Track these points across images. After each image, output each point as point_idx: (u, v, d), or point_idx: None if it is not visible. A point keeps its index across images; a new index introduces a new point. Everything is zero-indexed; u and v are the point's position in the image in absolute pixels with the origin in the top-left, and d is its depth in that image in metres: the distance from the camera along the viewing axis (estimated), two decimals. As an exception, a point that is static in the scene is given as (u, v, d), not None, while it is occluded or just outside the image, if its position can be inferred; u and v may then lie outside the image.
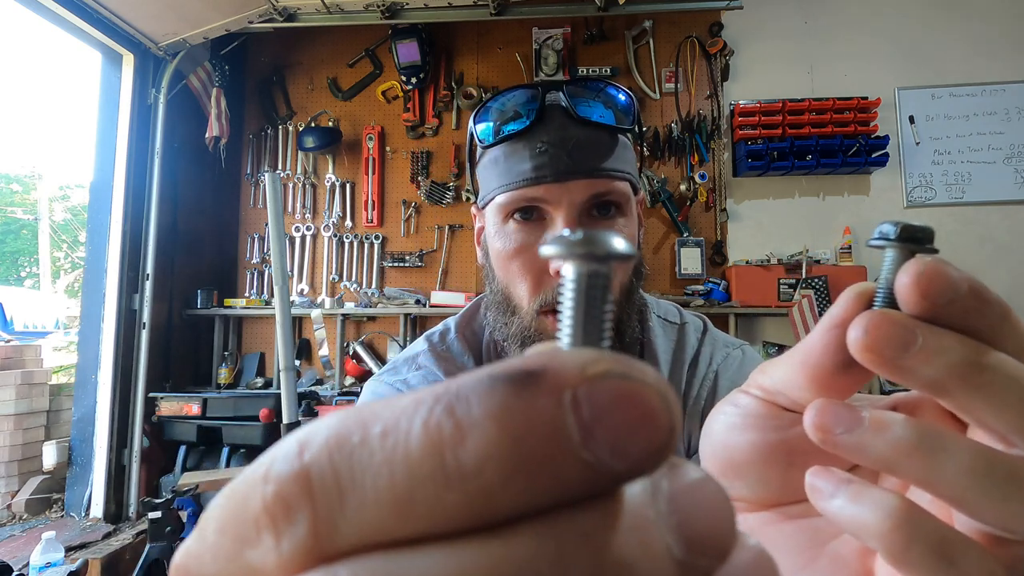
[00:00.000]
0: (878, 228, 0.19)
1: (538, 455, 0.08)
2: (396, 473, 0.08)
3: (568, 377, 0.09)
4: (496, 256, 0.62)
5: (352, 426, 0.09)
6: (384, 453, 0.09)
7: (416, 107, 3.30)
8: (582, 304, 0.11)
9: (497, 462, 0.08)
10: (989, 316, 0.18)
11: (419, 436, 0.08)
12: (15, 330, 6.40)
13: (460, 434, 0.08)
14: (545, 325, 0.59)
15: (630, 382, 0.09)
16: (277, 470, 0.09)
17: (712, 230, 3.13)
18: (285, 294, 1.41)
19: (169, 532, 1.88)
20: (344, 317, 3.11)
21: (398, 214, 3.31)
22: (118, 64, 2.82)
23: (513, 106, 0.60)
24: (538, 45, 3.24)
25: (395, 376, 0.68)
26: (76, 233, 13.64)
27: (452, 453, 0.08)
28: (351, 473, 0.09)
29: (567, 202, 0.57)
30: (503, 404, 0.08)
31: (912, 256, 0.18)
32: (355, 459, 0.09)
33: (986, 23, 3.05)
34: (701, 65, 3.19)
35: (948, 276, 0.17)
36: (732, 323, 2.88)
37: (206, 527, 0.10)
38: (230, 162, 3.27)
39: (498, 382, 0.09)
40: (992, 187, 2.99)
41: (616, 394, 0.09)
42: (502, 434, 0.08)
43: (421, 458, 0.08)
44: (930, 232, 0.19)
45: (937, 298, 0.17)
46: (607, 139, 0.60)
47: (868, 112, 2.94)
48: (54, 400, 3.08)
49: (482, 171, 0.64)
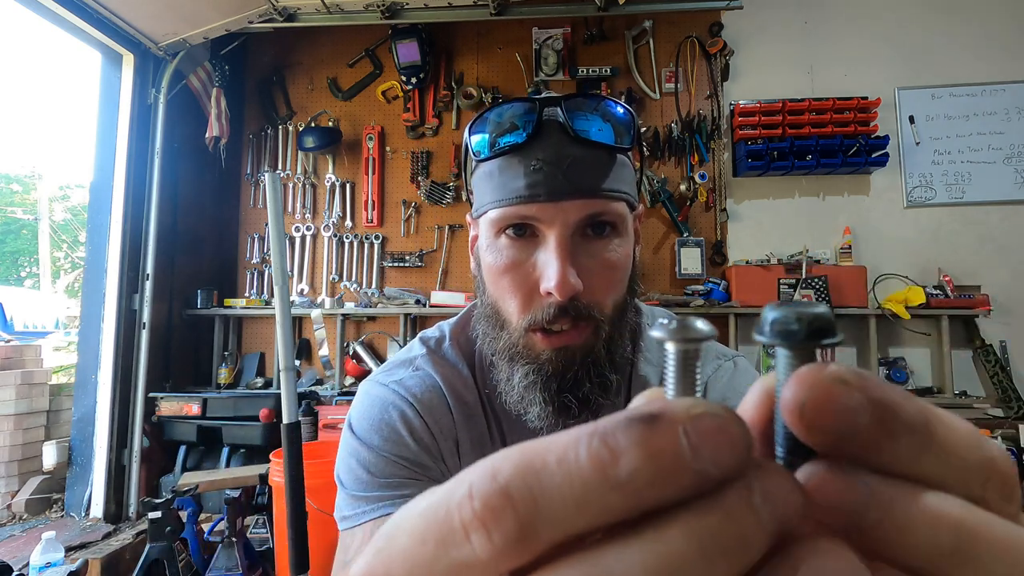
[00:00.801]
0: (764, 313, 0.16)
1: (666, 467, 0.13)
2: (575, 485, 0.13)
3: (679, 416, 0.13)
4: (487, 270, 0.61)
5: (531, 457, 0.13)
6: (563, 473, 0.13)
7: (416, 107, 3.30)
8: (680, 370, 0.16)
9: (641, 473, 0.13)
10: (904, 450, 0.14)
11: (586, 460, 0.13)
12: (15, 330, 6.39)
13: (615, 457, 0.13)
14: (533, 343, 0.58)
15: (717, 418, 0.13)
16: (481, 489, 0.13)
17: (712, 230, 3.13)
18: (285, 294, 1.41)
19: (169, 532, 1.88)
20: (344, 317, 3.11)
21: (398, 214, 3.31)
22: (118, 64, 2.82)
23: (509, 119, 0.58)
24: (538, 45, 3.24)
25: (391, 377, 0.68)
26: (76, 233, 13.64)
27: (612, 469, 0.13)
28: (540, 487, 0.13)
29: (560, 222, 0.56)
30: (641, 435, 0.13)
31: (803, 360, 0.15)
32: (542, 477, 0.13)
33: (986, 23, 3.05)
34: (701, 65, 3.20)
35: (840, 405, 0.14)
36: (732, 323, 2.88)
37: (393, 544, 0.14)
38: (230, 162, 3.27)
39: (634, 422, 0.13)
40: (992, 187, 2.99)
41: (710, 426, 0.13)
42: (642, 454, 0.13)
43: (590, 474, 0.13)
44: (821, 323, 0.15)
45: (828, 434, 0.14)
46: (604, 158, 0.58)
47: (868, 112, 2.94)
48: (54, 400, 3.08)
49: (476, 182, 0.63)
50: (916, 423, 0.14)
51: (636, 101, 3.16)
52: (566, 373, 0.58)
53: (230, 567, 2.01)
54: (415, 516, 0.14)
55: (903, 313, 2.74)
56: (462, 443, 0.66)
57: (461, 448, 0.66)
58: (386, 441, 0.63)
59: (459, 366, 0.69)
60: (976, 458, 0.15)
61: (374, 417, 0.65)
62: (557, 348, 0.58)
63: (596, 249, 0.58)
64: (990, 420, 2.60)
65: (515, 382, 0.60)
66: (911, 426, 0.14)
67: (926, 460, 0.14)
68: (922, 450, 0.14)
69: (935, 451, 0.14)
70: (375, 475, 0.62)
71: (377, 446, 0.63)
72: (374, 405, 0.66)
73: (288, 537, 1.37)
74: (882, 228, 3.04)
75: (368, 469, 0.62)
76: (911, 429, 0.14)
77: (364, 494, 0.62)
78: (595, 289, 0.57)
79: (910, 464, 0.14)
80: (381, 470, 0.62)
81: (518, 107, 0.58)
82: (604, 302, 0.58)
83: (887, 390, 0.14)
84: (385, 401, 0.66)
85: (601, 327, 0.58)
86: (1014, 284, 2.91)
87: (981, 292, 2.87)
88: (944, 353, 2.80)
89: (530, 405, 0.60)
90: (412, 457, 0.63)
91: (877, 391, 0.14)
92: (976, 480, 0.15)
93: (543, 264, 0.56)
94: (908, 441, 0.14)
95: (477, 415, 0.67)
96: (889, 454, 0.14)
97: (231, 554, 2.02)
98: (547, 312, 0.56)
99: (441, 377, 0.67)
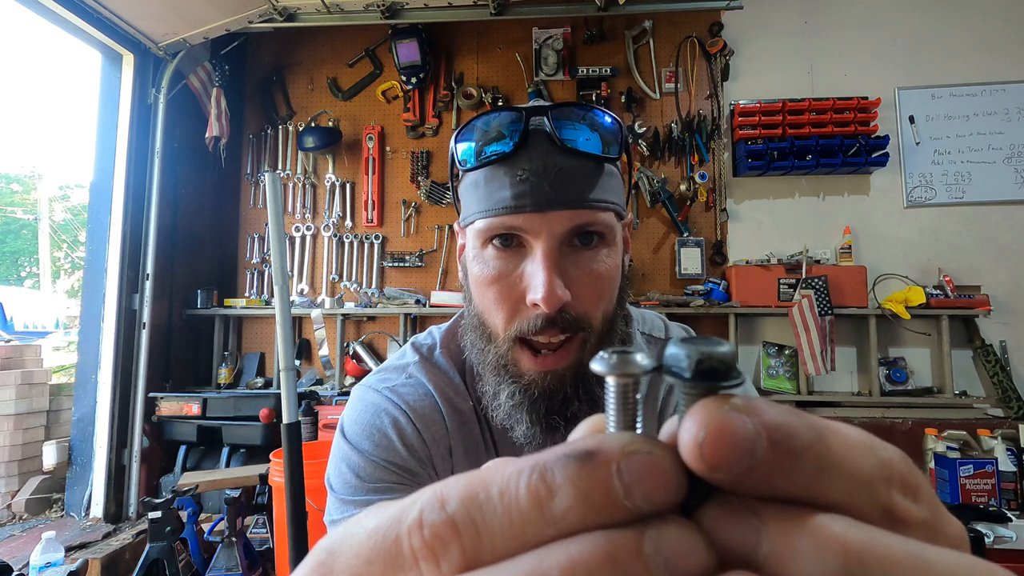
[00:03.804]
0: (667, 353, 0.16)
1: (598, 504, 0.13)
2: (513, 518, 0.14)
3: (614, 454, 0.14)
4: (474, 281, 0.61)
5: (476, 488, 0.14)
6: (504, 506, 0.14)
7: (416, 107, 3.30)
8: (620, 403, 0.16)
9: (575, 510, 0.13)
10: (803, 471, 0.14)
11: (525, 495, 0.14)
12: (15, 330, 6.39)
13: (551, 493, 0.13)
14: (519, 357, 0.58)
15: (652, 456, 0.14)
16: (430, 519, 0.14)
17: (712, 230, 3.13)
18: (285, 294, 1.41)
19: (169, 532, 1.88)
20: (344, 317, 3.11)
21: (398, 214, 3.31)
22: (118, 64, 2.82)
23: (496, 128, 0.57)
24: (538, 45, 3.24)
25: (384, 383, 0.68)
26: (76, 233, 13.64)
27: (547, 505, 0.13)
28: (483, 519, 0.14)
29: (547, 233, 0.55)
30: (575, 473, 0.14)
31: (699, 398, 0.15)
32: (485, 510, 0.14)
33: (986, 23, 3.05)
34: (701, 65, 3.19)
35: (735, 438, 0.14)
36: (732, 323, 2.88)
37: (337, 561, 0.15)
38: (230, 162, 3.27)
39: (570, 458, 0.14)
40: (992, 187, 2.99)
41: (643, 464, 0.14)
42: (576, 493, 0.13)
43: (528, 508, 0.14)
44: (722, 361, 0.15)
45: (728, 469, 0.14)
46: (592, 167, 0.57)
47: (868, 112, 2.94)
48: (54, 400, 3.08)
49: (463, 192, 0.62)
50: (809, 440, 0.14)
51: (636, 101, 3.16)
52: (555, 396, 0.57)
53: (230, 567, 2.01)
54: (362, 535, 0.15)
55: (903, 313, 2.74)
56: (455, 450, 0.66)
57: (455, 455, 0.66)
58: (376, 446, 0.63)
59: (450, 374, 0.69)
60: (873, 464, 0.15)
61: (365, 422, 0.65)
62: (544, 372, 0.57)
63: (584, 260, 0.57)
64: (990, 420, 2.60)
65: (502, 400, 0.60)
66: (806, 444, 0.14)
67: (825, 477, 0.14)
68: (820, 467, 0.14)
69: (832, 464, 0.14)
70: (364, 480, 0.62)
71: (367, 451, 0.63)
72: (367, 410, 0.66)
73: (288, 537, 1.37)
74: (882, 228, 3.04)
75: (357, 473, 0.62)
76: (806, 447, 0.14)
77: (352, 498, 0.62)
78: (583, 300, 0.56)
79: (811, 484, 0.14)
80: (370, 475, 0.62)
81: (504, 116, 0.57)
82: (592, 314, 0.58)
83: (777, 413, 0.14)
84: (378, 407, 0.66)
85: (588, 341, 0.58)
86: (1014, 284, 2.91)
87: (981, 292, 2.87)
88: (944, 353, 2.80)
89: (516, 424, 0.60)
90: (401, 463, 0.63)
91: (768, 414, 0.14)
92: (879, 485, 0.15)
93: (530, 275, 0.56)
94: (806, 460, 0.14)
95: (471, 422, 0.67)
96: (789, 479, 0.14)
97: (231, 554, 2.02)
98: (534, 323, 0.55)
99: (434, 386, 0.67)
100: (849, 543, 0.13)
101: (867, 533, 0.13)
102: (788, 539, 0.13)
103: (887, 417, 2.65)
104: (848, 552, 0.13)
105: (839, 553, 0.13)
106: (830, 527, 0.13)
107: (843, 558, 0.13)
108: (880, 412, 2.70)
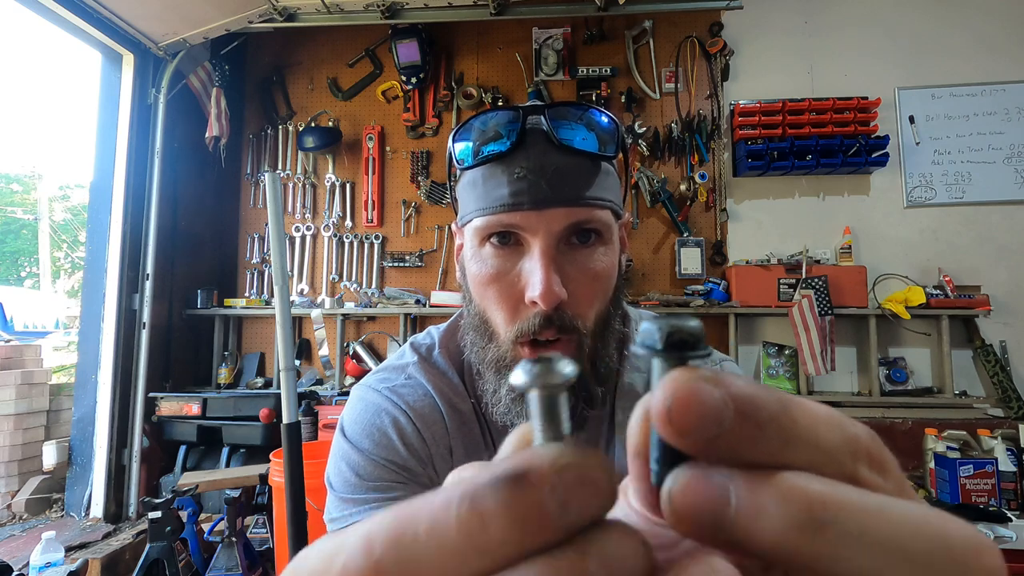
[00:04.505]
0: (640, 331, 0.16)
1: (535, 528, 0.13)
2: (445, 555, 0.13)
3: (544, 474, 0.13)
4: (472, 280, 0.61)
5: (404, 527, 0.13)
6: (435, 543, 0.13)
7: (416, 107, 3.30)
8: (546, 413, 0.15)
9: (511, 537, 0.13)
10: (769, 441, 0.14)
11: (455, 528, 0.13)
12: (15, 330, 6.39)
13: (483, 523, 0.13)
14: (521, 355, 0.58)
15: (583, 468, 0.13)
16: (353, 566, 0.13)
17: (712, 230, 3.13)
18: (285, 294, 1.41)
19: (169, 532, 1.88)
20: (344, 317, 3.11)
21: (398, 214, 3.31)
22: (118, 64, 2.82)
23: (493, 128, 0.58)
24: (538, 45, 3.24)
25: (384, 383, 0.69)
26: (76, 233, 13.64)
27: (479, 535, 0.13)
28: (411, 558, 0.13)
29: (545, 230, 0.55)
30: (507, 499, 0.13)
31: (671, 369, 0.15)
32: (413, 550, 0.13)
33: (986, 23, 3.05)
34: (701, 65, 3.19)
35: (703, 406, 0.14)
36: (732, 323, 2.88)
37: None
38: (230, 162, 3.27)
39: (500, 482, 0.13)
40: (992, 187, 2.99)
41: (576, 478, 0.13)
42: (510, 518, 0.13)
43: (460, 542, 0.13)
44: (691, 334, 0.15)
45: (696, 435, 0.14)
46: (588, 166, 0.57)
47: (868, 112, 2.94)
48: (54, 400, 3.08)
49: (461, 191, 0.63)
50: (776, 412, 0.14)
51: (636, 101, 3.16)
52: None
53: (230, 567, 2.01)
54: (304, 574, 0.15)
55: (903, 313, 2.74)
56: (455, 450, 0.66)
57: (455, 455, 0.66)
58: (376, 445, 0.64)
59: (449, 374, 0.69)
60: (839, 437, 0.15)
61: (365, 421, 0.65)
62: None
63: (581, 258, 0.57)
64: (990, 420, 2.60)
65: (501, 395, 0.60)
66: (772, 415, 0.14)
67: (791, 448, 0.14)
68: (786, 438, 0.14)
69: (798, 436, 0.14)
70: (364, 478, 0.62)
71: (367, 450, 0.63)
72: (367, 410, 0.66)
73: (288, 537, 1.37)
74: (882, 228, 3.04)
75: (357, 472, 0.63)
76: (772, 418, 0.14)
77: (352, 496, 0.62)
78: (579, 299, 0.57)
79: (776, 453, 0.14)
80: (370, 473, 0.62)
81: (502, 116, 0.58)
82: (587, 314, 0.58)
83: (745, 384, 0.15)
84: (378, 406, 0.66)
85: (584, 342, 0.58)
86: (1014, 284, 2.91)
87: (981, 292, 2.87)
88: (944, 353, 2.80)
89: (516, 418, 0.60)
90: (401, 462, 0.63)
91: (736, 386, 0.14)
92: (844, 457, 0.15)
93: (528, 273, 0.56)
94: (771, 431, 0.14)
95: (471, 422, 0.67)
96: (755, 447, 0.14)
97: (231, 554, 2.02)
98: (533, 323, 0.56)
99: (433, 387, 0.67)
100: (811, 493, 0.13)
101: (829, 485, 0.14)
102: (755, 495, 0.14)
103: (887, 417, 2.65)
104: (812, 501, 0.13)
105: (803, 502, 0.13)
106: (794, 480, 0.14)
107: (807, 507, 0.13)
108: (880, 412, 2.70)
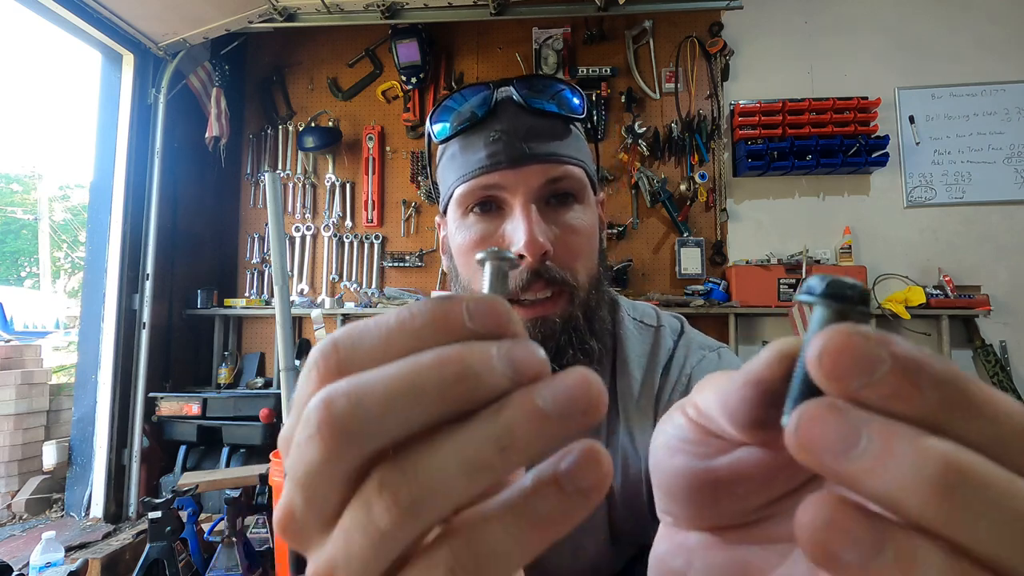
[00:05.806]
0: (806, 282, 0.17)
1: (450, 323, 0.17)
2: (384, 334, 0.17)
3: (466, 298, 0.17)
4: (458, 251, 0.63)
5: (358, 323, 0.18)
6: (377, 329, 0.17)
7: (416, 107, 3.30)
8: (492, 279, 0.21)
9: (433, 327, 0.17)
10: (928, 401, 0.13)
11: (394, 320, 0.17)
12: (15, 330, 6.39)
13: (412, 316, 0.17)
14: None
15: (491, 300, 0.18)
16: (320, 346, 0.18)
17: (712, 230, 3.13)
18: (285, 294, 1.41)
19: (169, 532, 1.88)
20: (344, 317, 3.11)
21: (398, 214, 3.31)
22: (118, 64, 2.82)
23: (467, 104, 0.61)
24: (538, 45, 3.24)
25: None
26: (76, 233, 13.64)
27: (410, 324, 0.17)
28: (360, 338, 0.18)
29: (523, 189, 0.58)
30: (435, 306, 0.17)
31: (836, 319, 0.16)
32: (363, 331, 0.18)
33: (986, 23, 3.05)
34: (701, 65, 3.19)
35: (858, 352, 0.14)
36: (732, 323, 2.88)
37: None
38: (230, 162, 3.27)
39: (435, 300, 0.17)
40: (992, 187, 2.99)
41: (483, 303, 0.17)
42: (433, 316, 0.17)
43: (396, 327, 0.17)
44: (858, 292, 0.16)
45: (846, 380, 0.14)
46: (560, 126, 0.61)
47: (868, 112, 2.94)
48: (54, 400, 3.08)
49: (441, 171, 0.65)
50: (944, 379, 0.14)
51: (636, 101, 3.16)
52: (547, 343, 0.59)
53: (230, 567, 2.01)
54: None
55: (903, 313, 2.74)
56: None
57: None
58: None
59: None
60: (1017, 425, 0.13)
61: None
62: (534, 319, 0.59)
63: (560, 216, 0.60)
64: (990, 420, 2.60)
65: None
66: (939, 380, 0.13)
67: (955, 417, 0.13)
68: (951, 406, 0.13)
69: (965, 408, 0.13)
70: None
71: None
72: None
73: (288, 537, 1.36)
74: (882, 228, 3.04)
75: None
76: (938, 383, 0.13)
77: None
78: (564, 253, 0.59)
79: (936, 418, 0.13)
80: None
81: (473, 90, 0.62)
82: (575, 267, 0.60)
83: (912, 348, 0.14)
84: None
85: (576, 294, 0.60)
86: (1014, 284, 2.91)
87: (981, 292, 2.87)
88: (944, 353, 2.80)
89: None
90: None
91: (900, 347, 0.14)
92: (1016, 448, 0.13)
93: (511, 231, 0.59)
94: (934, 394, 0.13)
95: None
96: (911, 404, 0.13)
97: (231, 554, 2.02)
98: (520, 279, 0.58)
99: None
100: (950, 456, 0.13)
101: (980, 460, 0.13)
102: (888, 441, 0.13)
103: (887, 417, 2.65)
104: (948, 464, 0.13)
105: (939, 463, 0.13)
106: (938, 444, 0.13)
107: (943, 468, 0.12)
108: (880, 412, 2.70)
